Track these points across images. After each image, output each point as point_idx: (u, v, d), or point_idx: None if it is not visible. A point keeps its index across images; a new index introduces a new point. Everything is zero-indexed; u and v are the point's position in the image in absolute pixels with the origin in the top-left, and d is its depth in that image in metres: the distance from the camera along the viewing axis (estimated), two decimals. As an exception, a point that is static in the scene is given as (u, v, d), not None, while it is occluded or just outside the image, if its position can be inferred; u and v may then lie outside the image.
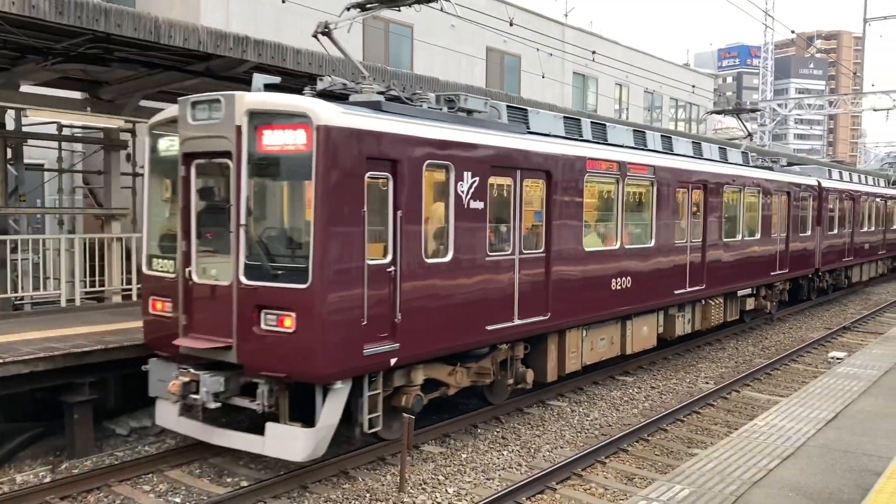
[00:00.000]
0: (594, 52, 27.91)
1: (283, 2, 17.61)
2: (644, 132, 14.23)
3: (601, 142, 12.66)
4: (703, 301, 15.82)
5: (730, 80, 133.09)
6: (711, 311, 16.08)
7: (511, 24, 20.29)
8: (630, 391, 13.01)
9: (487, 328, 9.87)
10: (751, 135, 23.61)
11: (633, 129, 13.99)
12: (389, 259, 8.46)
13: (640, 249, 13.25)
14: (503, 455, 9.67)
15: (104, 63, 11.80)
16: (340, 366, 8.03)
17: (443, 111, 9.86)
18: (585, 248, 11.69)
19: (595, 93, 32.95)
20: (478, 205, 9.58)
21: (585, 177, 11.67)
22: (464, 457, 9.55)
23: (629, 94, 35.33)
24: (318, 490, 8.39)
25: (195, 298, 8.52)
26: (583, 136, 12.28)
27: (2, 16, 8.99)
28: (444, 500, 8.22)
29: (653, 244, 13.55)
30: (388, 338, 8.44)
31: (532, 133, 11.01)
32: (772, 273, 19.11)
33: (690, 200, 14.80)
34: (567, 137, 11.80)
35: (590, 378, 13.15)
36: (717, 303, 16.39)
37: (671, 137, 15.25)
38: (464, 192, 9.37)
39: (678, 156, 14.84)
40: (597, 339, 12.44)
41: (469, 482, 8.74)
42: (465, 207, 9.41)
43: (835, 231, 24.20)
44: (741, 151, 18.60)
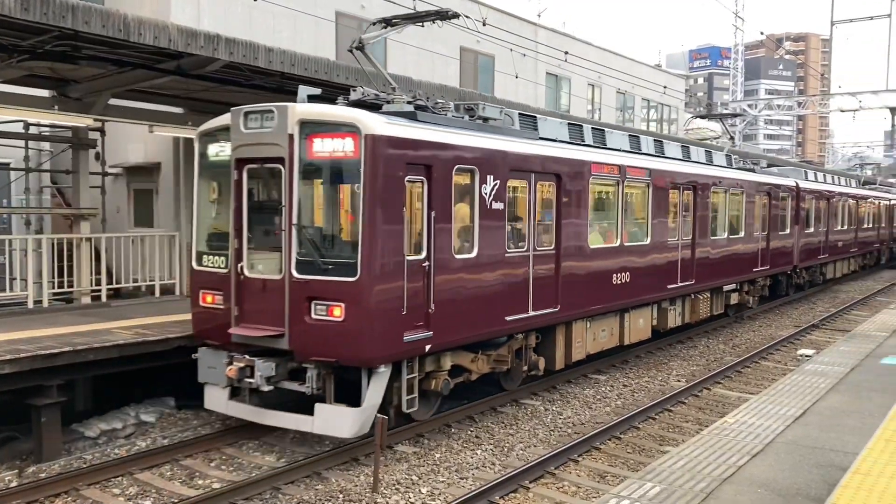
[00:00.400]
0: (567, 53, 28.07)
1: (255, 0, 17.50)
2: (639, 137, 15.19)
3: (601, 146, 13.47)
4: (693, 295, 16.83)
5: (701, 81, 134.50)
6: (700, 305, 17.17)
7: (484, 24, 20.35)
8: (603, 389, 13.09)
9: (506, 318, 10.71)
10: (733, 138, 24.06)
11: (629, 135, 14.90)
12: (424, 255, 9.26)
13: (638, 247, 14.22)
14: (477, 454, 9.68)
15: (72, 61, 11.62)
16: (384, 351, 8.83)
17: (465, 119, 10.66)
18: (590, 246, 12.64)
19: (568, 93, 33.02)
20: (498, 205, 10.39)
21: (590, 179, 12.59)
22: (437, 456, 9.55)
23: (602, 95, 35.45)
24: (291, 491, 8.34)
25: (246, 291, 9.23)
26: (584, 141, 13.10)
27: (-34, 12, 8.82)
28: (418, 500, 8.21)
29: (648, 242, 14.54)
30: (424, 326, 9.26)
31: (542, 139, 11.85)
32: (754, 269, 20.00)
33: (681, 201, 15.80)
34: (571, 142, 12.69)
35: (564, 377, 13.24)
36: (705, 297, 17.47)
37: (662, 141, 16.14)
38: (487, 194, 10.19)
39: (670, 159, 15.85)
40: (599, 330, 13.38)
41: (443, 482, 8.74)
42: (488, 208, 10.22)
43: (811, 230, 24.89)
44: (725, 154, 19.49)
